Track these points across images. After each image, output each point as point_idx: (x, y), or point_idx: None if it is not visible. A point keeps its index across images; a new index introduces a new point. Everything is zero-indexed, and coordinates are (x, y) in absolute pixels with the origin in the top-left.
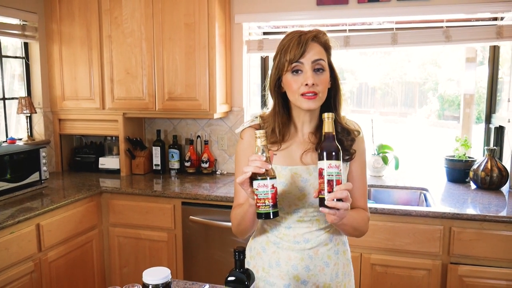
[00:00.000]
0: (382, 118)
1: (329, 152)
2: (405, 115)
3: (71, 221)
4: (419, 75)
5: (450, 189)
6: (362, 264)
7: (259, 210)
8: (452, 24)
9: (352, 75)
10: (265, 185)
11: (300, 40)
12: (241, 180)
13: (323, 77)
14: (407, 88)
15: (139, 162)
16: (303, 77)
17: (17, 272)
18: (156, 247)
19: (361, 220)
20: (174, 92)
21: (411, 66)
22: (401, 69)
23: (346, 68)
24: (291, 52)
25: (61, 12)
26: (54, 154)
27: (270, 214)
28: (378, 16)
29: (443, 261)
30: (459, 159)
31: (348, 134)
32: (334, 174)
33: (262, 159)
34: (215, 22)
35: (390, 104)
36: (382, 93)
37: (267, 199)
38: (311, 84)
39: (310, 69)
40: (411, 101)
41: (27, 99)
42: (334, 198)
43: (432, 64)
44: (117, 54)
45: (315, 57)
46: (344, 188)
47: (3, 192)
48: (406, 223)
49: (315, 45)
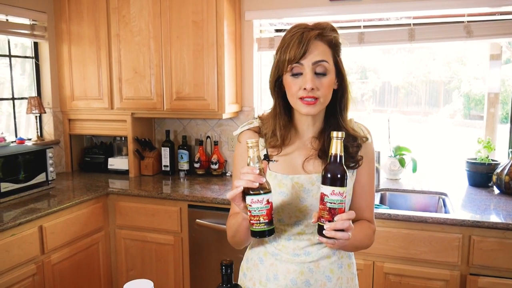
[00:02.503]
0: (405, 118)
1: (334, 177)
2: (429, 114)
3: (76, 223)
4: (444, 74)
5: (471, 194)
6: (374, 273)
7: (253, 228)
8: (474, 18)
9: (374, 74)
10: (259, 200)
11: (302, 38)
12: (232, 196)
13: (325, 81)
14: (431, 87)
15: (148, 163)
16: (302, 80)
17: (18, 275)
18: (163, 250)
19: (364, 237)
20: (182, 92)
21: (435, 64)
22: (425, 68)
23: (368, 66)
24: (291, 52)
25: (70, 11)
26: (64, 154)
27: (266, 233)
28: (394, 11)
29: (462, 272)
30: (481, 162)
31: (354, 140)
32: (337, 202)
33: (255, 172)
34: (224, 20)
35: (413, 103)
36: (405, 92)
37: (262, 216)
38: (309, 88)
39: (310, 71)
40: (436, 100)
41: (36, 99)
42: (334, 228)
43: (457, 62)
44: (125, 53)
45: (316, 58)
46: (346, 218)
47: (9, 193)
48: (422, 230)
49: (318, 44)
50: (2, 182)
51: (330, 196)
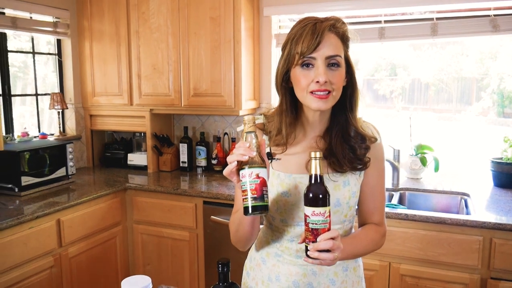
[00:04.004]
0: (435, 116)
1: (314, 198)
2: (460, 112)
3: (93, 217)
4: (476, 70)
5: (496, 195)
6: (391, 275)
7: (244, 203)
8: (501, 12)
9: (404, 71)
10: (249, 174)
11: (315, 29)
12: (227, 171)
13: (338, 74)
14: (463, 84)
15: (166, 159)
16: (315, 72)
17: (36, 267)
18: (178, 246)
19: (369, 243)
20: (199, 88)
21: (468, 61)
22: (457, 64)
23: (398, 63)
24: (303, 43)
25: (92, 9)
26: (85, 149)
27: (257, 208)
28: (416, 5)
29: (482, 276)
30: (507, 162)
31: (362, 141)
32: (318, 223)
33: (245, 145)
34: (241, 16)
35: (444, 101)
36: (435, 89)
37: (252, 190)
38: (323, 81)
39: (323, 64)
40: (468, 97)
41: (59, 95)
42: (317, 249)
43: (491, 58)
44: (144, 49)
45: (330, 52)
46: (328, 237)
47: (30, 186)
48: (440, 231)
49: (331, 36)
50: (22, 176)
51: (311, 216)
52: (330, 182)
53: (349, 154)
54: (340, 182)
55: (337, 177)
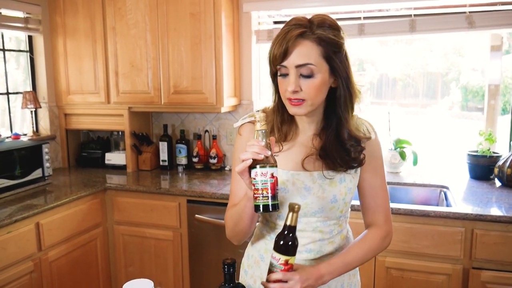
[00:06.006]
0: (402, 110)
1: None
2: (426, 106)
3: (73, 219)
4: (441, 65)
5: (473, 187)
6: (376, 268)
7: (256, 202)
8: (476, 9)
9: (372, 66)
10: (263, 173)
11: (285, 36)
12: (241, 169)
13: (311, 83)
14: (429, 79)
15: (146, 158)
16: (287, 81)
17: (16, 272)
18: (162, 246)
19: (366, 253)
20: (179, 85)
21: (433, 56)
22: (423, 59)
23: (366, 59)
24: (274, 51)
25: (65, 4)
26: (60, 149)
27: (269, 207)
28: (394, 2)
29: (464, 266)
30: (482, 155)
31: (357, 143)
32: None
33: (261, 144)
34: (222, 11)
35: (411, 96)
36: (403, 84)
37: (265, 190)
38: (291, 91)
39: (294, 73)
40: (433, 92)
41: (31, 93)
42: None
43: (455, 53)
44: (121, 46)
45: (299, 61)
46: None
47: (5, 189)
48: (424, 224)
49: (303, 43)
50: None
51: (271, 259)
52: (326, 179)
53: (344, 157)
54: (337, 179)
55: (333, 174)
